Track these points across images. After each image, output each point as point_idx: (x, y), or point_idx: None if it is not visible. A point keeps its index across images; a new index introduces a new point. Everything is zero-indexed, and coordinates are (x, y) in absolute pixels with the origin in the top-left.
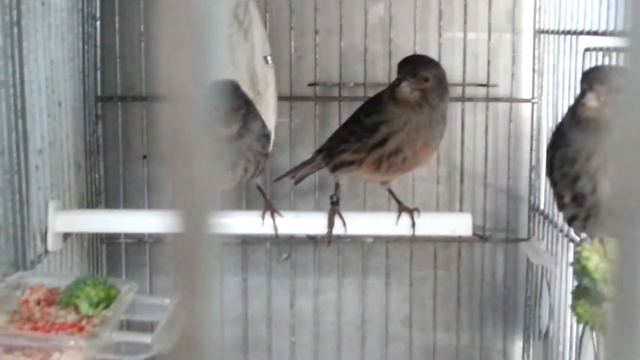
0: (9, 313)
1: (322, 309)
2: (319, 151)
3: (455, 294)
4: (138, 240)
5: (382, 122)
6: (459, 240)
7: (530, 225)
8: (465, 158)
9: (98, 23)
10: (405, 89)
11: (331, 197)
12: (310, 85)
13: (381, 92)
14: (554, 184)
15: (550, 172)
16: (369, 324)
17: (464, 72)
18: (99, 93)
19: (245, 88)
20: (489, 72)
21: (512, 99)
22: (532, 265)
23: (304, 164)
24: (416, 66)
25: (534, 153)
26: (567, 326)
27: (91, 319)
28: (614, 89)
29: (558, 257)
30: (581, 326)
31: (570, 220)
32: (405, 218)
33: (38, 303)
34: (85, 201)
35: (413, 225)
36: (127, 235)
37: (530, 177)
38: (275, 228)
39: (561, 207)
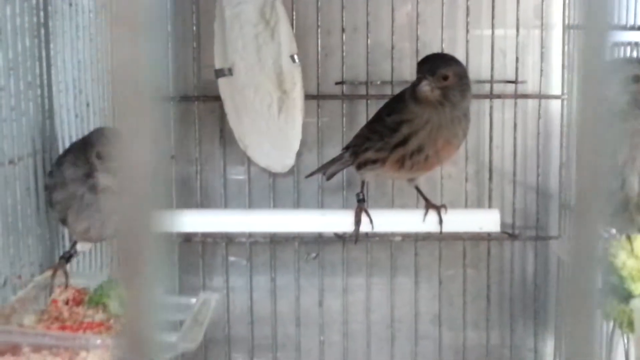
0: (37, 313)
1: (350, 308)
2: (347, 147)
3: (484, 292)
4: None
5: (403, 121)
6: (488, 238)
7: (561, 222)
8: (494, 155)
9: None
10: (425, 88)
11: (357, 195)
12: (337, 83)
13: (403, 91)
14: None
15: None
16: (398, 323)
17: (492, 68)
18: None
19: (272, 87)
20: (518, 69)
21: (541, 96)
22: (563, 263)
23: (334, 160)
24: (435, 64)
25: (563, 150)
26: (598, 324)
27: (119, 319)
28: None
29: None
30: (611, 324)
31: None
32: (432, 215)
33: (66, 303)
34: None
35: (440, 221)
36: None
37: (560, 174)
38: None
39: None
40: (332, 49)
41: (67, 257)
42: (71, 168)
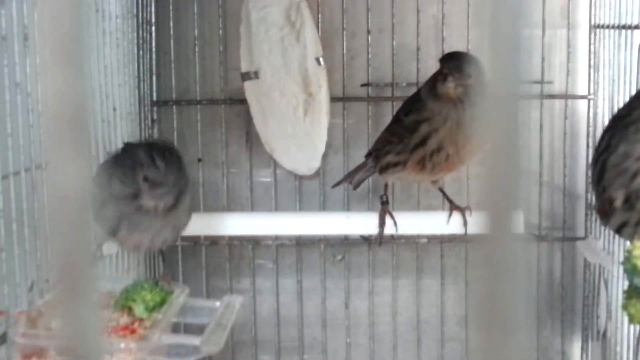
0: None
1: (377, 310)
2: (369, 154)
3: None
4: (194, 243)
5: (422, 120)
6: None
7: (587, 223)
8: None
9: (153, 28)
10: (451, 84)
11: (381, 197)
12: (362, 85)
13: (419, 89)
14: (602, 189)
15: (599, 177)
16: (425, 325)
17: None
18: (154, 97)
19: (298, 90)
20: (544, 69)
21: (567, 96)
22: (590, 264)
23: (358, 168)
24: (461, 62)
25: (590, 150)
26: (625, 326)
27: (143, 322)
28: None
29: (615, 256)
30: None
31: (620, 228)
32: (456, 217)
33: None
34: None
35: (465, 223)
36: (183, 238)
37: (586, 175)
38: None
39: (610, 213)
40: (358, 51)
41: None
42: (119, 186)
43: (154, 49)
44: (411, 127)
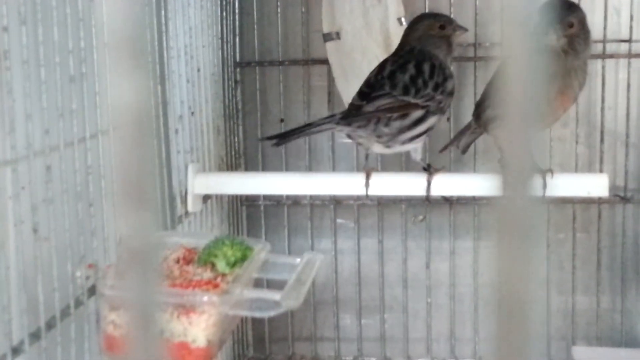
0: None
1: (458, 271)
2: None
3: (595, 256)
4: (276, 202)
5: None
6: (599, 201)
7: None
8: (606, 117)
9: None
10: (553, 36)
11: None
12: None
13: None
14: None
15: None
16: None
17: (605, 27)
18: (237, 58)
19: (380, 50)
20: (632, 27)
21: None
22: None
23: (463, 130)
24: (560, 11)
25: None
26: None
27: (225, 277)
28: None
29: None
30: None
31: None
32: (537, 178)
33: (177, 261)
34: (225, 164)
35: (544, 186)
36: (265, 197)
37: None
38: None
39: None
40: (440, 11)
41: None
42: None
43: (237, 11)
44: None
